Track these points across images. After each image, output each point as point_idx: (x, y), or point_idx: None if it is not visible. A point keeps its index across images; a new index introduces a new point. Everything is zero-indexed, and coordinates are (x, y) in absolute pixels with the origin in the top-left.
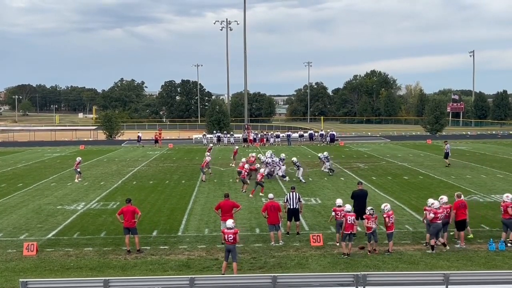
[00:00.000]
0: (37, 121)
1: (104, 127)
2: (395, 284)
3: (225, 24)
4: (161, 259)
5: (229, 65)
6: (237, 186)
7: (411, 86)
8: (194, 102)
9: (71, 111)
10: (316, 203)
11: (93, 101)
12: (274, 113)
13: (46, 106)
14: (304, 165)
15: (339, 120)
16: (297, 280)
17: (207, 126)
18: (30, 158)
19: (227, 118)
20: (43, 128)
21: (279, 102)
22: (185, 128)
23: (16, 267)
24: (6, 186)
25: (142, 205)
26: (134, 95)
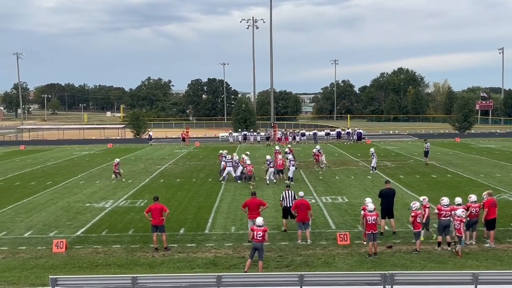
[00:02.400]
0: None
1: (132, 126)
2: (423, 283)
3: (252, 23)
4: (188, 256)
5: (255, 63)
6: (263, 184)
7: (439, 84)
8: (221, 100)
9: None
10: (342, 202)
11: (121, 99)
12: (300, 111)
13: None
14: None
15: (366, 118)
16: (324, 279)
17: (233, 125)
18: (59, 157)
19: (253, 117)
20: (72, 127)
21: (305, 100)
22: (212, 126)
23: (46, 264)
24: (35, 184)
25: (169, 203)
26: (161, 93)
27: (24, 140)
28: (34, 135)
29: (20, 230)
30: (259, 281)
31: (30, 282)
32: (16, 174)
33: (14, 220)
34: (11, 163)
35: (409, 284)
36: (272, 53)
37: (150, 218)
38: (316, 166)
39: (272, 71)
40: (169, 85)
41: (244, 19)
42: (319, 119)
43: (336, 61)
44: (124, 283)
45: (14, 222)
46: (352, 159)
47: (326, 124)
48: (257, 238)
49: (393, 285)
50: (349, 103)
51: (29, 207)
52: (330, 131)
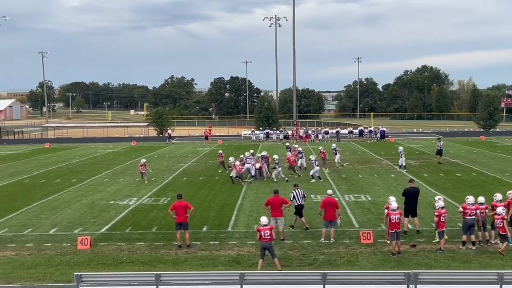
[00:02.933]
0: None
1: (155, 124)
2: (448, 282)
3: (274, 21)
4: (211, 254)
5: (277, 61)
6: (286, 183)
7: (463, 82)
8: (243, 98)
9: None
10: (366, 200)
11: (144, 98)
12: (323, 109)
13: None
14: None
15: (389, 116)
16: (347, 277)
17: (256, 123)
18: (84, 154)
19: (276, 115)
20: (96, 125)
21: (328, 98)
22: (234, 124)
23: (71, 260)
24: (60, 182)
25: (192, 200)
26: (184, 92)
27: (49, 138)
28: (59, 133)
29: (46, 227)
30: (282, 279)
31: (55, 279)
32: (41, 171)
33: (39, 217)
34: (36, 161)
35: (433, 284)
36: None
37: (174, 215)
38: (323, 167)
39: (295, 69)
40: (192, 83)
41: (267, 17)
42: (342, 117)
43: (359, 59)
44: (148, 280)
45: (40, 219)
46: (375, 158)
47: (349, 122)
48: (265, 238)
49: (417, 284)
50: (372, 101)
51: (54, 205)
52: (353, 129)
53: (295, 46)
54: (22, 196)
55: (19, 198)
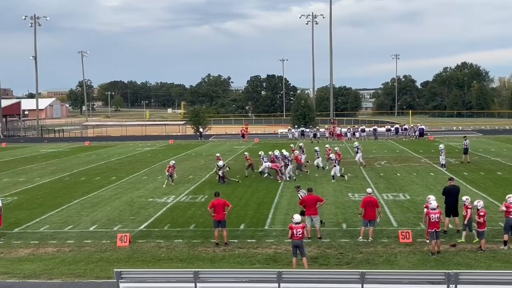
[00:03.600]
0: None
1: (192, 122)
2: (489, 283)
3: (311, 18)
4: (249, 252)
5: (314, 59)
6: (322, 180)
7: (504, 79)
8: (280, 96)
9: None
10: (404, 199)
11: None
12: (360, 107)
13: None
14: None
15: (428, 114)
16: (386, 277)
17: (292, 121)
18: (122, 152)
19: (313, 113)
20: (134, 123)
21: (365, 95)
22: (271, 122)
23: (111, 257)
24: (100, 179)
25: (229, 198)
26: (220, 90)
27: (88, 136)
28: (98, 131)
29: (86, 224)
30: (320, 278)
31: (95, 275)
32: (82, 169)
33: (80, 214)
34: (76, 159)
35: (474, 284)
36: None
37: (213, 213)
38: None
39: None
40: (228, 81)
41: (303, 15)
42: (379, 115)
43: (397, 56)
44: (186, 277)
45: (80, 216)
46: (414, 156)
47: (387, 120)
48: (297, 236)
49: (457, 285)
50: (410, 98)
51: (94, 202)
52: (391, 127)
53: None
54: (63, 194)
55: (60, 196)
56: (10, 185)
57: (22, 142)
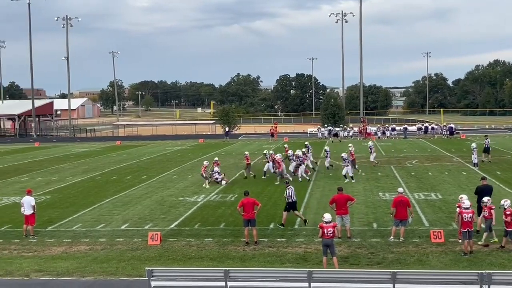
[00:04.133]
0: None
1: (222, 121)
2: None
3: (341, 17)
4: (279, 251)
5: (344, 57)
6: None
7: None
8: (309, 95)
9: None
10: (436, 198)
11: (211, 96)
12: (391, 105)
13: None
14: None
15: (459, 112)
16: (418, 277)
17: (322, 120)
18: (153, 152)
19: (342, 111)
20: (165, 123)
21: (396, 94)
22: (300, 121)
23: (142, 255)
24: (131, 178)
25: (259, 198)
26: (250, 89)
27: (119, 135)
28: (129, 131)
29: (117, 222)
30: (351, 278)
31: (127, 273)
32: (113, 168)
33: (111, 213)
34: (108, 158)
35: (508, 284)
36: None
37: (242, 212)
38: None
39: (362, 65)
40: (257, 80)
41: (333, 13)
42: (410, 113)
43: (428, 54)
44: (217, 276)
45: (112, 215)
46: (445, 155)
47: (418, 118)
48: (328, 235)
49: (490, 285)
50: (442, 96)
51: (125, 201)
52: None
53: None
54: (94, 193)
55: (92, 194)
56: (43, 184)
57: (54, 142)
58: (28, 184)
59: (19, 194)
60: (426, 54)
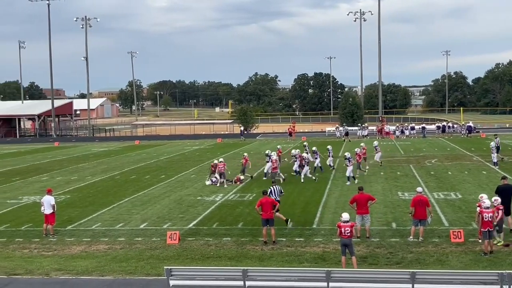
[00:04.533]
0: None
1: (240, 121)
2: None
3: (359, 15)
4: (297, 251)
5: (362, 56)
6: (371, 179)
7: None
8: (327, 94)
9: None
10: (456, 198)
11: (229, 95)
12: (410, 104)
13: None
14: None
15: (479, 111)
16: (437, 277)
17: (340, 119)
18: (171, 151)
19: (361, 111)
20: (183, 122)
21: (415, 93)
22: (318, 121)
23: (161, 255)
24: (150, 178)
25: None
26: (267, 89)
27: (138, 135)
28: (147, 130)
29: (136, 222)
30: (369, 278)
31: (146, 272)
32: (132, 168)
33: (130, 212)
34: (127, 158)
35: None
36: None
37: (261, 212)
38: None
39: (380, 64)
40: (275, 80)
41: (351, 12)
42: (429, 112)
43: (447, 52)
44: (235, 275)
45: (131, 214)
46: (465, 154)
47: (437, 117)
48: (346, 234)
49: (511, 285)
50: (461, 95)
51: (144, 200)
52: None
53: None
54: (113, 192)
55: (111, 194)
56: (63, 183)
57: (74, 141)
58: (48, 184)
59: (39, 193)
60: (445, 53)
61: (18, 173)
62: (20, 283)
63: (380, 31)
